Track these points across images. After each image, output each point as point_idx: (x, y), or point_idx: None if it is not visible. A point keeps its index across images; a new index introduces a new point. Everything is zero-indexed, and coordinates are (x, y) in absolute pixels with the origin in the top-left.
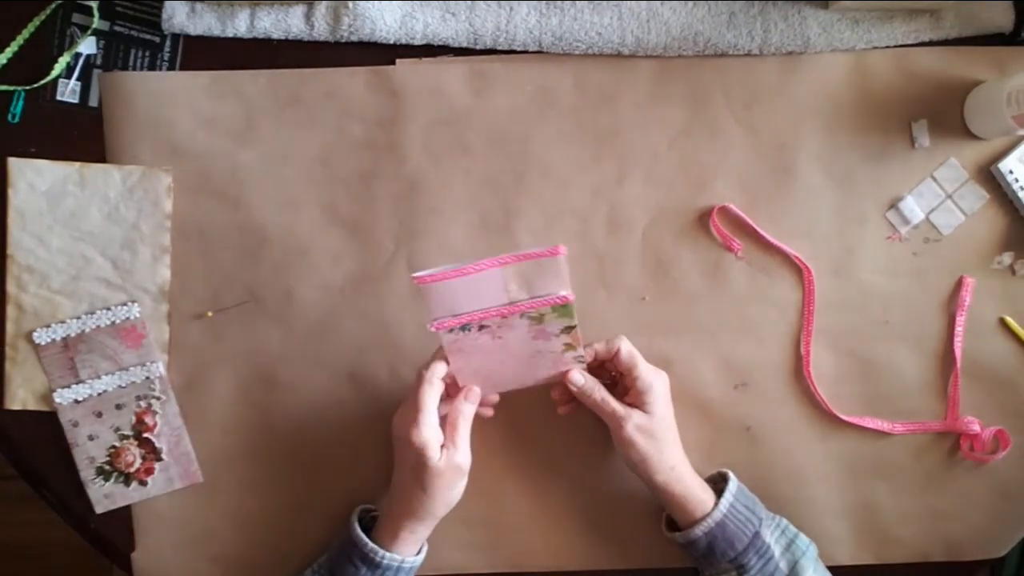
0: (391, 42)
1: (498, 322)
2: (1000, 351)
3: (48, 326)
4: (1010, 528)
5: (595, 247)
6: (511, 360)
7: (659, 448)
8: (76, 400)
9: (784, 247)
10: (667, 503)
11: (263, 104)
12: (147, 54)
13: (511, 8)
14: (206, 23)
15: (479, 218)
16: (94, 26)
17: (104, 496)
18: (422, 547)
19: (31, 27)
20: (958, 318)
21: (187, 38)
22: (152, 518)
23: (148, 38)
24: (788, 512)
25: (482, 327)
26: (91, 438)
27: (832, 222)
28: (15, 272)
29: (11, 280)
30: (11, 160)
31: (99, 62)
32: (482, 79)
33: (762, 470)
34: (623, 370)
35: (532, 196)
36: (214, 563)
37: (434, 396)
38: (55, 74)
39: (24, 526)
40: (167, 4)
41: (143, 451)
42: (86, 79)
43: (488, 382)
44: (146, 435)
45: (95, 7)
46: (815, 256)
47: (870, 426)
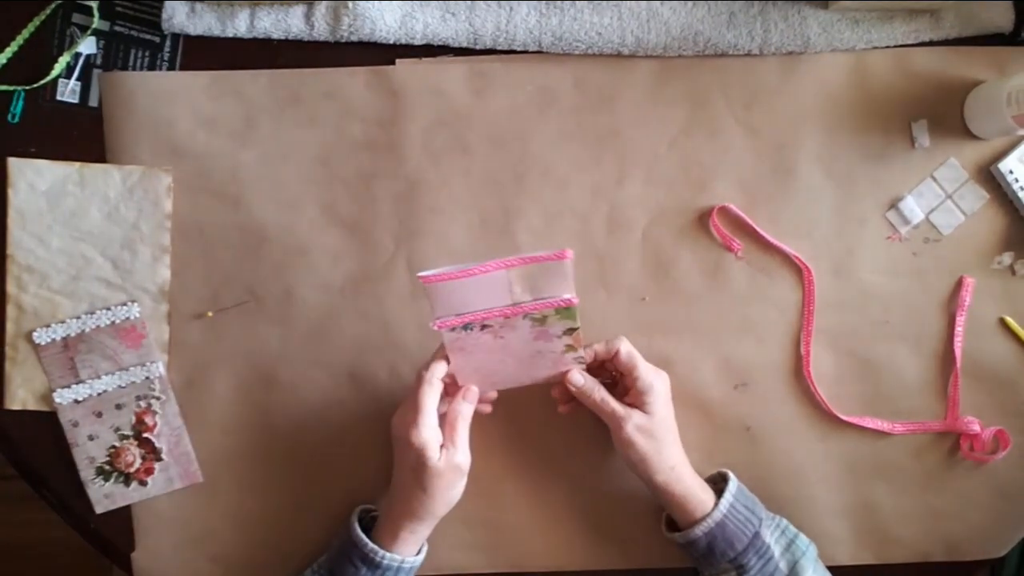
0: (391, 42)
1: (501, 322)
2: (1000, 351)
3: (48, 326)
4: (1010, 528)
5: (595, 247)
6: (511, 360)
7: (659, 448)
8: (76, 400)
9: (784, 247)
10: (667, 503)
11: (263, 104)
12: (147, 54)
13: (511, 8)
14: (206, 23)
15: (479, 218)
16: (94, 26)
17: (104, 496)
18: (422, 547)
19: (31, 27)
20: (958, 318)
21: (187, 38)
22: (152, 518)
23: (148, 38)
24: (788, 512)
25: (484, 327)
26: (91, 438)
27: (832, 222)
28: (15, 272)
29: (11, 280)
30: (11, 160)
31: (99, 62)
32: (482, 79)
33: (762, 470)
34: (623, 371)
35: (532, 196)
36: (214, 563)
37: (434, 396)
38: (55, 74)
39: (24, 526)
40: (167, 4)
41: (143, 451)
42: (86, 79)
43: (487, 381)
44: (146, 435)
45: (95, 7)
46: (815, 256)
47: (870, 426)
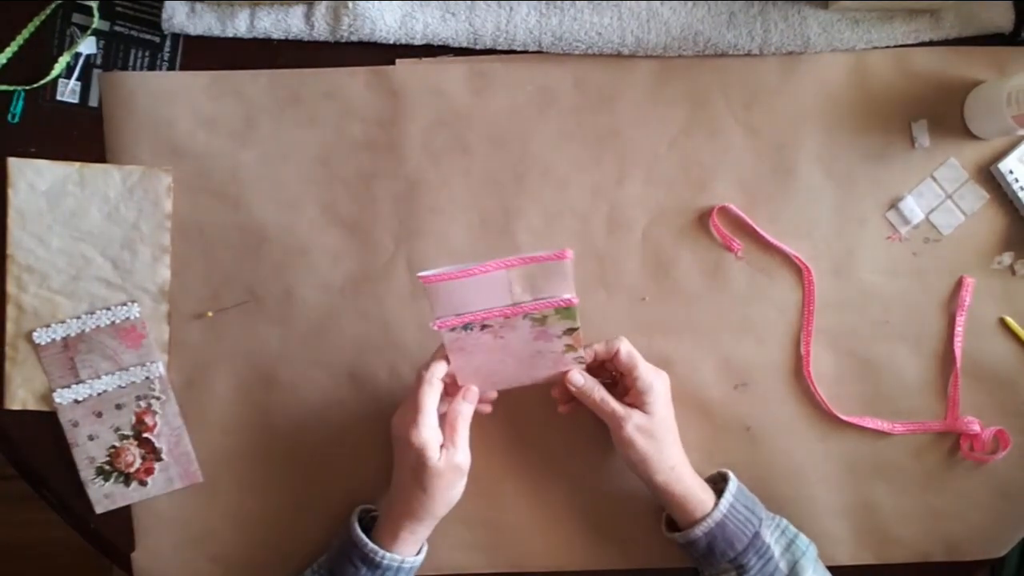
0: (391, 42)
1: (501, 322)
2: (1000, 351)
3: (48, 326)
4: (1010, 528)
5: (595, 247)
6: (511, 359)
7: (659, 448)
8: (76, 400)
9: (784, 247)
10: (667, 503)
11: (263, 104)
12: (147, 54)
13: (511, 8)
14: (206, 23)
15: (479, 218)
16: (94, 26)
17: (104, 496)
18: (422, 547)
19: (31, 27)
20: (958, 318)
21: (187, 38)
22: (152, 518)
23: (148, 38)
24: (788, 512)
25: (484, 327)
26: (91, 438)
27: (832, 222)
28: (15, 272)
29: (11, 280)
30: (11, 160)
31: (99, 62)
32: (482, 79)
33: (762, 470)
34: (623, 371)
35: (532, 196)
36: (214, 563)
37: (433, 397)
38: (55, 74)
39: (24, 526)
40: (167, 4)
41: (143, 451)
42: (86, 79)
43: (487, 380)
44: (146, 435)
45: (95, 7)
46: (815, 256)
47: (870, 426)
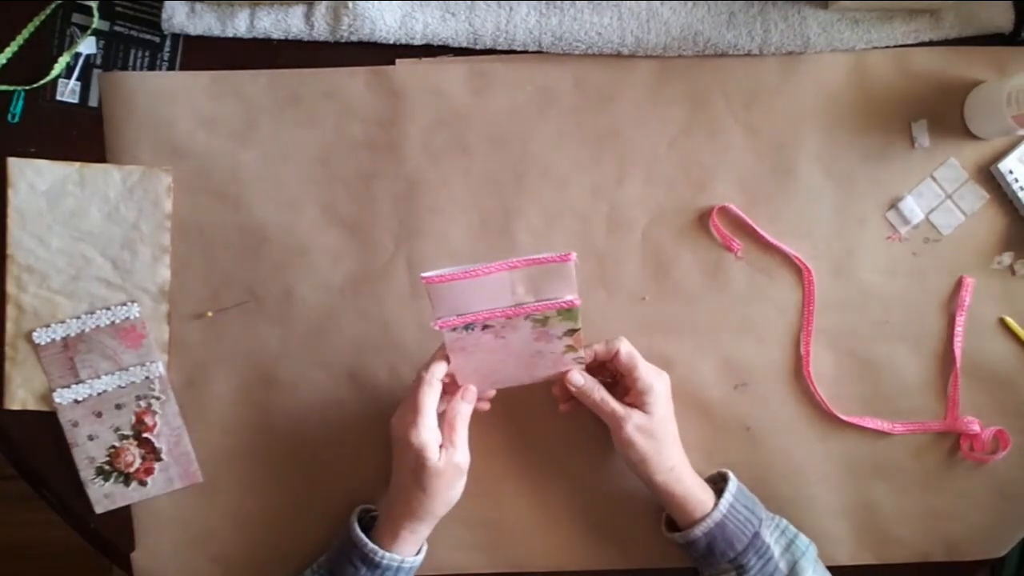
0: (391, 42)
1: (502, 322)
2: (1000, 351)
3: (48, 326)
4: (1010, 528)
5: (595, 247)
6: (511, 359)
7: (658, 449)
8: (76, 400)
9: (784, 247)
10: (666, 503)
11: (263, 104)
12: (147, 54)
13: (511, 8)
14: (206, 23)
15: (479, 218)
16: (94, 26)
17: (104, 496)
18: (422, 547)
19: (31, 27)
20: (958, 318)
21: (187, 38)
22: (152, 518)
23: (148, 38)
24: (788, 512)
25: (485, 327)
26: (91, 438)
27: (832, 222)
28: (15, 272)
29: (11, 280)
30: (11, 160)
31: (99, 62)
32: (482, 79)
33: (762, 470)
34: (623, 371)
35: (532, 196)
36: (214, 563)
37: (433, 397)
38: (55, 74)
39: (24, 526)
40: (167, 4)
41: (143, 451)
42: (86, 79)
43: (487, 380)
44: (146, 435)
45: (95, 7)
46: (815, 256)
47: (870, 426)
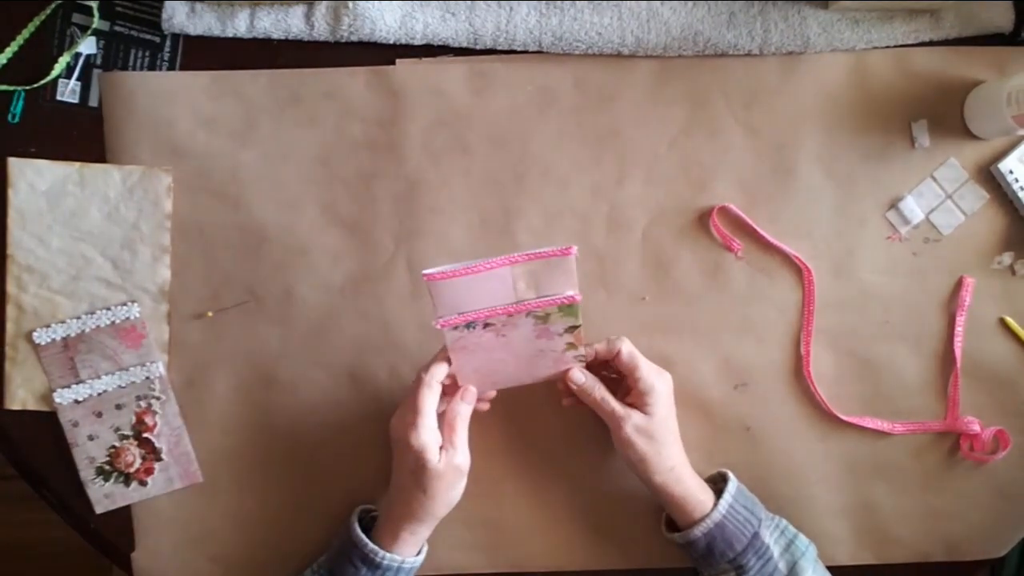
0: (391, 42)
1: (503, 320)
2: (1000, 351)
3: (48, 326)
4: (1010, 528)
5: (595, 247)
6: (512, 358)
7: (658, 449)
8: (76, 400)
9: (784, 247)
10: (666, 504)
11: (263, 104)
12: (147, 54)
13: (511, 8)
14: (206, 23)
15: (479, 218)
16: (94, 26)
17: (104, 496)
18: (422, 547)
19: (31, 27)
20: (958, 318)
21: (187, 38)
22: (152, 518)
23: (148, 38)
24: (788, 512)
25: (487, 325)
26: (91, 438)
27: (832, 222)
28: (15, 272)
29: (11, 280)
30: (11, 160)
31: (99, 62)
32: (482, 79)
33: (762, 470)
34: (624, 371)
35: (532, 196)
36: (214, 563)
37: (433, 399)
38: (55, 74)
39: (24, 526)
40: (167, 4)
41: (143, 451)
42: (86, 79)
43: (487, 379)
44: (146, 435)
45: (95, 7)
46: (815, 256)
47: (870, 426)
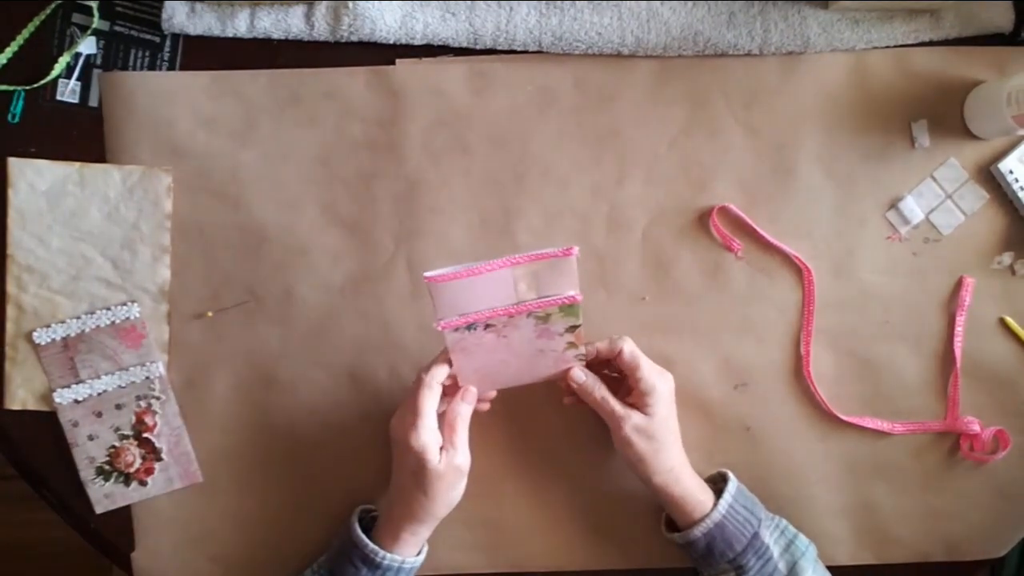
0: (391, 42)
1: (504, 321)
2: (1000, 351)
3: (48, 326)
4: (1010, 528)
5: (595, 247)
6: (512, 359)
7: (657, 450)
8: (76, 400)
9: (784, 247)
10: (665, 504)
11: (263, 104)
12: (147, 54)
13: (511, 8)
14: (206, 23)
15: (479, 218)
16: (94, 26)
17: (104, 496)
18: (422, 547)
19: (31, 27)
20: (958, 318)
21: (187, 38)
22: (152, 518)
23: (148, 38)
24: (788, 512)
25: (488, 326)
26: (91, 438)
27: (832, 222)
28: (15, 272)
29: (11, 280)
30: (11, 160)
31: (99, 62)
32: (482, 79)
33: (762, 470)
34: (626, 371)
35: (532, 196)
36: (214, 563)
37: (433, 400)
38: (55, 74)
39: (24, 526)
40: (167, 4)
41: (143, 451)
42: (86, 79)
43: (487, 380)
44: (146, 435)
45: (95, 7)
46: (815, 256)
47: (870, 426)
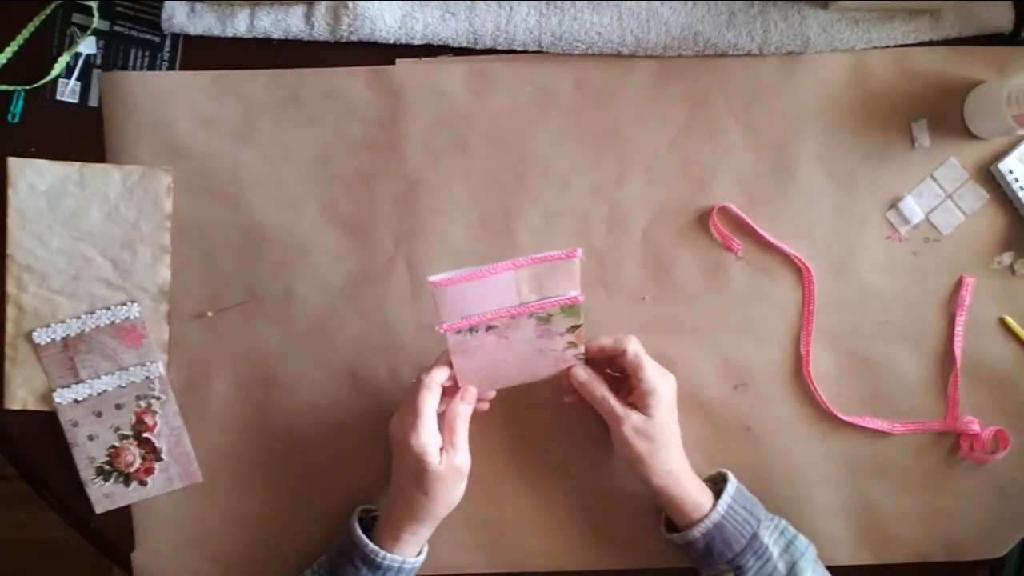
0: (391, 42)
1: (506, 322)
2: (1000, 351)
3: (48, 326)
4: (1010, 528)
5: (595, 247)
6: (513, 359)
7: (655, 451)
8: (76, 400)
9: (784, 247)
10: (664, 504)
11: (263, 104)
12: (147, 54)
13: (511, 8)
14: (206, 23)
15: (479, 218)
16: (94, 26)
17: (104, 496)
18: (423, 547)
19: (31, 27)
20: (958, 318)
21: (187, 38)
22: (152, 518)
23: (148, 38)
24: (788, 512)
25: (489, 328)
26: (91, 438)
27: (832, 222)
28: (15, 272)
29: (11, 280)
30: (11, 160)
31: (99, 62)
32: (482, 79)
33: (762, 470)
34: (629, 370)
35: (532, 196)
36: (214, 563)
37: (433, 401)
38: (55, 74)
39: (24, 526)
40: (167, 4)
41: (143, 451)
42: (86, 79)
43: (487, 380)
44: (146, 435)
45: (95, 7)
46: (815, 256)
47: (870, 426)
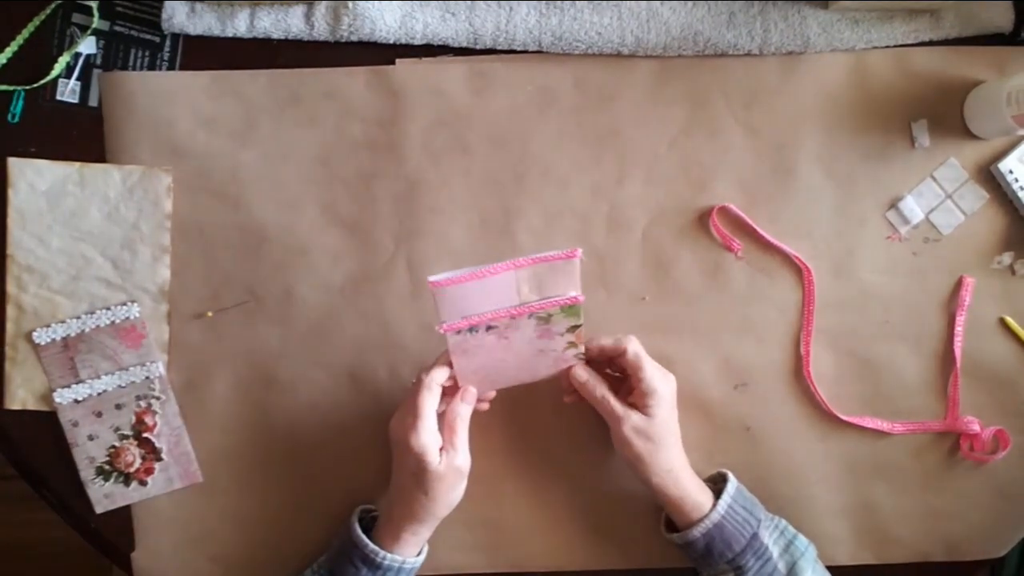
0: (391, 42)
1: (506, 322)
2: (1000, 351)
3: (48, 326)
4: (1010, 528)
5: (595, 247)
6: (513, 359)
7: (655, 451)
8: (76, 400)
9: (784, 247)
10: (664, 504)
11: (263, 104)
12: (147, 54)
13: (511, 8)
14: (206, 23)
15: (479, 218)
16: (94, 26)
17: (104, 496)
18: (423, 547)
19: (31, 27)
20: (958, 318)
21: (187, 38)
22: (152, 518)
23: (148, 38)
24: (788, 512)
25: (489, 328)
26: (91, 438)
27: (832, 222)
28: (15, 272)
29: (11, 280)
30: (11, 160)
31: (99, 62)
32: (482, 79)
33: (762, 470)
34: (629, 370)
35: (532, 196)
36: (214, 563)
37: (433, 401)
38: (55, 74)
39: (24, 526)
40: (167, 4)
41: (143, 451)
42: (86, 79)
43: (487, 380)
44: (146, 435)
45: (95, 7)
46: (815, 256)
47: (870, 426)
